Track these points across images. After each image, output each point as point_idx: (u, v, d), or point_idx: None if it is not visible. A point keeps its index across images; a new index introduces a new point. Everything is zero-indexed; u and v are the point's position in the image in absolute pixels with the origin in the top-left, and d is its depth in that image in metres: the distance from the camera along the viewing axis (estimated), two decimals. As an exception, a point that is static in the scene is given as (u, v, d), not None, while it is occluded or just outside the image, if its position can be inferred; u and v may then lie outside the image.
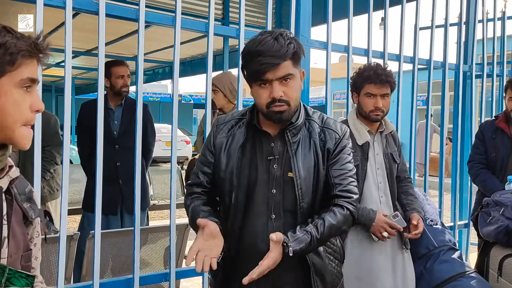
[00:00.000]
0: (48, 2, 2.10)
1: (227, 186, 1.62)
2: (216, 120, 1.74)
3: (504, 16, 4.32)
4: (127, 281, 2.37)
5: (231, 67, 5.16)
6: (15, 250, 1.04)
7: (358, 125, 2.39)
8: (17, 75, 0.98)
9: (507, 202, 2.70)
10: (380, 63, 2.48)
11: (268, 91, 1.54)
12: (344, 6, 3.09)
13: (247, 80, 1.61)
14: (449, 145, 7.89)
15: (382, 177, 2.40)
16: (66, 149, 2.27)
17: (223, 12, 5.04)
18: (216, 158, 1.66)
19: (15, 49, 0.97)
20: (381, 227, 2.28)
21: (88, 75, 9.46)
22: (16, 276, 0.98)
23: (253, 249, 1.60)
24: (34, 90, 1.03)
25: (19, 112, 0.99)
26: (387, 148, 2.45)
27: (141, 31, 2.35)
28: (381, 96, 2.34)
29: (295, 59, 1.54)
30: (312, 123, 1.67)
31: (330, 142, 1.65)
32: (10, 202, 1.04)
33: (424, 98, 5.37)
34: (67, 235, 2.18)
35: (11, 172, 1.05)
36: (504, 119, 3.29)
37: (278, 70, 1.51)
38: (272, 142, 1.63)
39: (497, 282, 2.67)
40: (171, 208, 2.44)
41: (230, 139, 1.65)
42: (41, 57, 1.03)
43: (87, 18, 2.91)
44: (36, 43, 1.00)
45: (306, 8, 2.82)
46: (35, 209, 1.11)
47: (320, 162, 1.63)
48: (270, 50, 1.49)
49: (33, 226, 1.13)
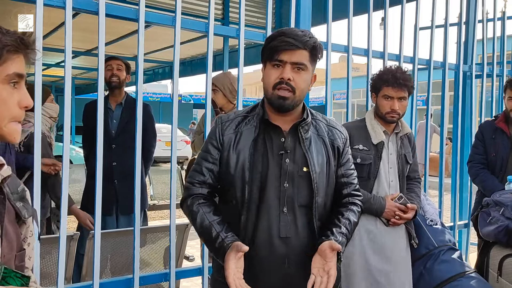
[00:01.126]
0: (48, 2, 2.10)
1: (239, 182, 1.62)
2: (219, 118, 1.73)
3: (504, 16, 4.32)
4: (127, 281, 2.38)
5: (231, 67, 5.16)
6: (8, 250, 1.02)
7: (375, 125, 2.47)
8: (2, 71, 0.97)
9: (507, 202, 2.70)
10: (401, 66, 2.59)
11: (279, 72, 1.58)
12: (344, 6, 3.09)
13: (263, 60, 1.65)
14: (449, 145, 7.89)
15: (394, 176, 2.49)
16: (66, 149, 2.27)
17: (223, 12, 5.04)
18: (224, 155, 1.65)
19: (0, 44, 0.95)
20: (392, 211, 2.40)
21: (88, 75, 9.44)
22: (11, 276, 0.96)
23: (267, 242, 1.61)
24: (22, 86, 1.01)
25: (6, 108, 0.98)
26: (402, 149, 2.52)
27: (141, 31, 2.35)
28: (398, 99, 2.41)
29: (312, 53, 1.60)
30: (318, 121, 1.73)
31: (339, 141, 1.72)
32: (3, 201, 1.02)
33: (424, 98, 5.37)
34: (67, 235, 2.18)
35: (3, 171, 1.03)
36: (504, 119, 3.29)
37: (294, 54, 1.57)
38: (283, 137, 1.64)
39: (497, 282, 2.67)
40: (171, 208, 2.45)
41: (238, 136, 1.66)
42: (28, 53, 1.01)
43: (87, 18, 2.91)
44: (22, 38, 0.99)
45: (306, 8, 2.82)
46: (28, 208, 1.10)
47: (331, 158, 1.69)
48: (293, 34, 1.58)
49: (26, 225, 1.12)
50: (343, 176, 1.72)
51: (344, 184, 1.72)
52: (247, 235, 1.62)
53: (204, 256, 2.59)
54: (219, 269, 1.66)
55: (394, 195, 2.44)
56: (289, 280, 1.64)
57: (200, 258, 2.85)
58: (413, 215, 2.47)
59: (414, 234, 2.56)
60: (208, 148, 1.70)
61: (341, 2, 3.12)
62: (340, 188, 1.72)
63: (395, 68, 2.47)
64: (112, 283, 2.37)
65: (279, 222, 1.61)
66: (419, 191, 2.64)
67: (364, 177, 2.38)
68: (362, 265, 2.38)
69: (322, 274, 1.50)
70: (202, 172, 1.68)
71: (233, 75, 3.00)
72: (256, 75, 1.78)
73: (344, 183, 1.72)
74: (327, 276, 1.49)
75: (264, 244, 1.61)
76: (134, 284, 2.36)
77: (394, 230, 2.46)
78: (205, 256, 2.58)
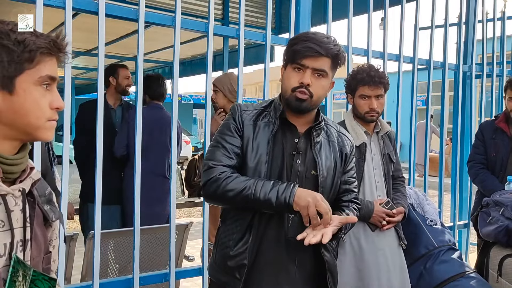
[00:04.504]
0: (48, 2, 2.10)
1: (256, 175, 1.59)
2: (237, 105, 1.70)
3: (503, 16, 4.32)
4: (127, 281, 2.38)
5: (231, 67, 5.16)
6: (37, 253, 1.04)
7: (355, 126, 2.42)
8: (36, 73, 0.98)
9: (507, 202, 2.70)
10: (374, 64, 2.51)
11: (300, 76, 1.59)
12: (344, 6, 3.09)
13: (285, 60, 1.65)
14: (449, 145, 7.89)
15: (380, 177, 2.44)
16: (66, 149, 2.27)
17: (223, 12, 5.04)
18: (244, 144, 1.62)
19: (34, 46, 0.97)
20: (380, 217, 2.35)
21: (88, 75, 9.44)
22: (39, 279, 0.98)
23: (273, 242, 1.62)
24: (54, 88, 1.03)
25: (39, 110, 0.99)
26: (384, 148, 2.48)
27: (141, 31, 2.35)
28: (375, 97, 2.37)
29: (334, 61, 1.62)
30: (329, 127, 1.75)
31: (347, 148, 1.75)
32: (32, 204, 1.04)
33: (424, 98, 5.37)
34: (67, 235, 2.18)
35: (33, 174, 1.05)
36: (504, 119, 3.29)
37: (317, 60, 1.58)
38: (297, 138, 1.66)
39: (497, 282, 2.67)
40: (171, 208, 2.45)
41: (256, 129, 1.65)
42: (60, 56, 1.03)
43: (87, 18, 2.91)
44: (55, 41, 1.01)
45: (306, 8, 2.82)
46: (55, 211, 1.12)
47: (338, 164, 1.70)
48: (318, 40, 1.58)
49: (52, 228, 1.14)
50: (345, 183, 1.74)
51: (345, 191, 1.74)
52: (259, 232, 1.62)
53: (204, 256, 2.59)
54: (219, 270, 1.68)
55: (382, 200, 2.39)
56: (297, 280, 1.65)
57: (200, 258, 2.85)
58: (402, 217, 2.43)
59: (403, 236, 2.49)
60: (227, 131, 1.63)
61: (341, 2, 3.12)
62: (341, 194, 1.73)
63: (368, 66, 2.43)
64: (112, 283, 2.37)
65: (288, 223, 1.62)
66: (404, 190, 2.61)
67: None
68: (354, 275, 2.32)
69: (315, 232, 1.49)
70: (229, 156, 1.59)
71: (234, 75, 3.00)
72: (256, 75, 1.78)
73: (346, 189, 1.74)
74: (321, 234, 1.47)
75: (273, 244, 1.62)
76: (134, 284, 2.36)
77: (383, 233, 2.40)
78: (205, 256, 2.58)
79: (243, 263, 1.61)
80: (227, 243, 1.66)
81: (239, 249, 1.62)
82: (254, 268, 1.63)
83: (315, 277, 1.68)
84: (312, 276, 1.67)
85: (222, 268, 1.66)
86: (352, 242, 2.34)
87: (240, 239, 1.62)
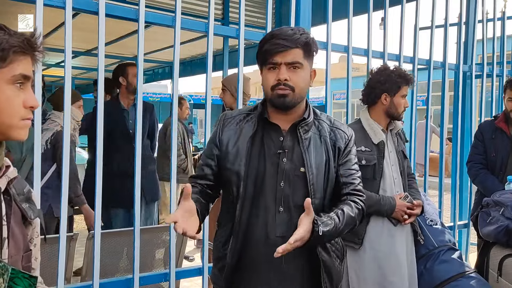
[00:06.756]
0: (48, 2, 2.10)
1: (235, 177, 1.62)
2: (223, 115, 1.75)
3: (504, 16, 4.32)
4: (127, 281, 2.38)
5: (231, 67, 5.15)
6: (15, 251, 1.04)
7: (373, 125, 2.47)
8: (9, 72, 0.98)
9: (507, 202, 2.70)
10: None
11: (275, 74, 1.59)
12: (344, 6, 3.09)
13: (259, 64, 1.66)
14: (449, 145, 7.89)
15: (397, 173, 2.50)
16: (66, 149, 2.26)
17: (223, 12, 5.03)
18: (223, 151, 1.67)
19: (7, 45, 0.97)
20: (402, 211, 2.41)
21: (88, 75, 9.44)
22: (19, 277, 0.97)
23: (261, 240, 1.61)
24: (28, 87, 1.03)
25: (11, 108, 0.99)
26: (399, 145, 2.55)
27: (141, 31, 2.35)
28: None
29: (306, 50, 1.59)
30: (322, 122, 1.72)
31: (341, 141, 1.70)
32: (9, 202, 1.04)
33: (424, 98, 5.37)
34: (67, 235, 2.17)
35: (9, 172, 1.04)
36: (504, 119, 3.29)
37: (287, 54, 1.57)
38: (282, 136, 1.65)
39: (497, 282, 2.67)
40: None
41: (239, 132, 1.67)
42: (35, 55, 1.03)
43: (87, 18, 2.91)
44: (29, 39, 1.00)
45: (306, 8, 2.82)
46: (34, 209, 1.11)
47: (330, 159, 1.66)
48: (284, 34, 1.58)
49: (32, 226, 1.13)
50: (342, 176, 1.68)
51: (343, 184, 1.68)
52: (241, 230, 1.62)
53: (204, 256, 2.59)
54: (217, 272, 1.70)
55: (401, 195, 2.45)
56: (285, 278, 1.64)
57: (200, 258, 2.85)
58: (421, 210, 2.49)
59: (420, 231, 2.59)
60: (209, 145, 1.74)
61: (341, 2, 3.12)
62: (339, 188, 1.69)
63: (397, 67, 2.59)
64: (112, 283, 2.37)
65: (275, 221, 1.61)
66: (417, 186, 2.69)
67: (369, 178, 2.37)
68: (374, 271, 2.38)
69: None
70: (202, 168, 1.72)
71: (244, 75, 2.98)
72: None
73: (343, 183, 1.68)
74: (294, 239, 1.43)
75: (260, 242, 1.62)
76: (134, 284, 2.35)
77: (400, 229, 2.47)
78: (205, 256, 2.58)
79: (223, 265, 1.66)
80: (217, 246, 1.72)
81: (225, 251, 1.65)
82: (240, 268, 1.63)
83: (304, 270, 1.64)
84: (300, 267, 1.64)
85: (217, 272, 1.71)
86: (371, 238, 2.39)
87: (226, 242, 1.66)
